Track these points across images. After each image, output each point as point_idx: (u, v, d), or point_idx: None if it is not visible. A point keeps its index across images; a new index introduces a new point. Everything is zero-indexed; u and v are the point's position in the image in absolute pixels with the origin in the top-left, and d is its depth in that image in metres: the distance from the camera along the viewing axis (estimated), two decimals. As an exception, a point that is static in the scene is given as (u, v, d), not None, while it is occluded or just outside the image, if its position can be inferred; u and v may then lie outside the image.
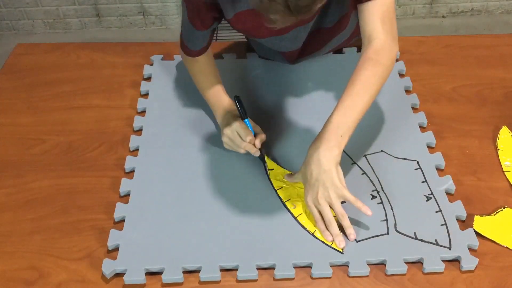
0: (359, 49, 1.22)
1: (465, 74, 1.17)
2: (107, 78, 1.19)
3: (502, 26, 2.66)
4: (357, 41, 1.16)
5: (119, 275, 0.81)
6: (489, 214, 0.88)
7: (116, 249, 0.84)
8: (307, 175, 0.85)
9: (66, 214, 0.90)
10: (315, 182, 0.83)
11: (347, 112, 0.85)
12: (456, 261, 0.83)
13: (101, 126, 1.07)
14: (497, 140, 1.01)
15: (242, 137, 0.92)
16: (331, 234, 0.84)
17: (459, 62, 1.21)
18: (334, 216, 0.84)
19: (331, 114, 0.86)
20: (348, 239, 0.84)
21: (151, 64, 1.21)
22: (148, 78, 1.17)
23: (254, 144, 0.93)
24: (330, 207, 0.84)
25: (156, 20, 2.71)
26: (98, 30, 2.73)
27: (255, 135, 0.94)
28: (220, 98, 1.01)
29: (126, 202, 0.91)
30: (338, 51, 1.23)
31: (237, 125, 0.93)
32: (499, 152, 0.99)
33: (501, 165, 0.97)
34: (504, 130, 1.03)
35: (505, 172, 0.96)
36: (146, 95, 1.13)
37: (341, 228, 0.85)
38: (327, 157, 0.83)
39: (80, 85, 1.17)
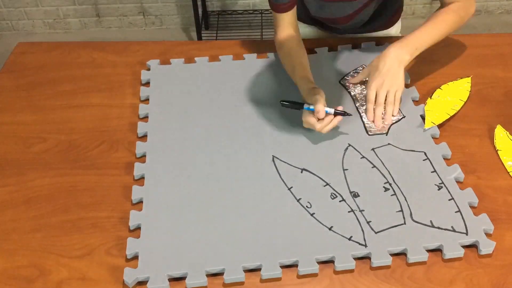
0: (356, 46, 1.23)
1: (465, 74, 1.17)
2: (108, 76, 1.19)
3: (502, 26, 2.67)
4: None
5: (141, 283, 0.81)
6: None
7: (135, 257, 0.83)
8: (379, 66, 1.02)
9: (67, 212, 0.91)
10: (387, 72, 1.01)
11: (425, 33, 1.05)
12: (457, 259, 0.83)
13: (102, 124, 1.07)
14: (495, 141, 1.01)
15: (313, 127, 0.99)
16: (375, 115, 1.04)
17: (459, 62, 1.21)
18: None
19: (413, 31, 1.05)
20: (384, 122, 1.04)
21: (148, 69, 1.21)
22: (146, 84, 1.17)
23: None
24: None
25: (156, 20, 2.71)
26: (98, 30, 2.74)
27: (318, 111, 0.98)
28: (300, 82, 1.06)
29: (139, 209, 0.90)
30: (334, 49, 1.24)
31: (304, 118, 1.00)
32: (499, 152, 0.99)
33: (501, 164, 0.98)
34: (499, 129, 1.03)
35: (509, 172, 0.96)
36: (146, 100, 1.13)
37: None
38: (402, 58, 1.02)
39: (81, 84, 1.17)
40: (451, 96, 1.09)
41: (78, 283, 0.81)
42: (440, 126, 1.04)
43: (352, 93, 1.11)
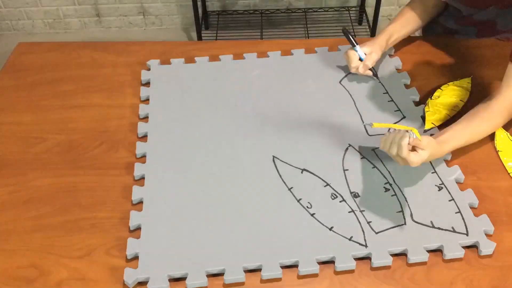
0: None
1: (465, 74, 1.17)
2: (108, 77, 1.19)
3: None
4: None
5: (142, 283, 0.80)
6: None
7: (136, 257, 0.83)
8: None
9: (67, 213, 0.90)
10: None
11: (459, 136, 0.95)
12: (457, 259, 0.83)
13: (102, 124, 1.07)
14: (495, 142, 1.01)
15: (349, 64, 1.13)
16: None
17: (459, 62, 1.21)
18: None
19: (450, 128, 0.95)
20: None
21: (148, 69, 1.21)
22: (147, 84, 1.16)
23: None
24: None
25: (156, 20, 2.72)
26: (98, 30, 2.74)
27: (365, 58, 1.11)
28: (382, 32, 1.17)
29: (139, 210, 0.90)
30: (334, 49, 1.24)
31: (348, 52, 1.13)
32: (499, 153, 0.99)
33: (501, 164, 0.98)
34: (499, 130, 1.03)
35: (510, 173, 0.96)
36: (146, 100, 1.12)
37: None
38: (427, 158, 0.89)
39: (81, 84, 1.17)
40: (452, 96, 1.09)
41: (78, 284, 0.81)
42: (440, 127, 1.04)
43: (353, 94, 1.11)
